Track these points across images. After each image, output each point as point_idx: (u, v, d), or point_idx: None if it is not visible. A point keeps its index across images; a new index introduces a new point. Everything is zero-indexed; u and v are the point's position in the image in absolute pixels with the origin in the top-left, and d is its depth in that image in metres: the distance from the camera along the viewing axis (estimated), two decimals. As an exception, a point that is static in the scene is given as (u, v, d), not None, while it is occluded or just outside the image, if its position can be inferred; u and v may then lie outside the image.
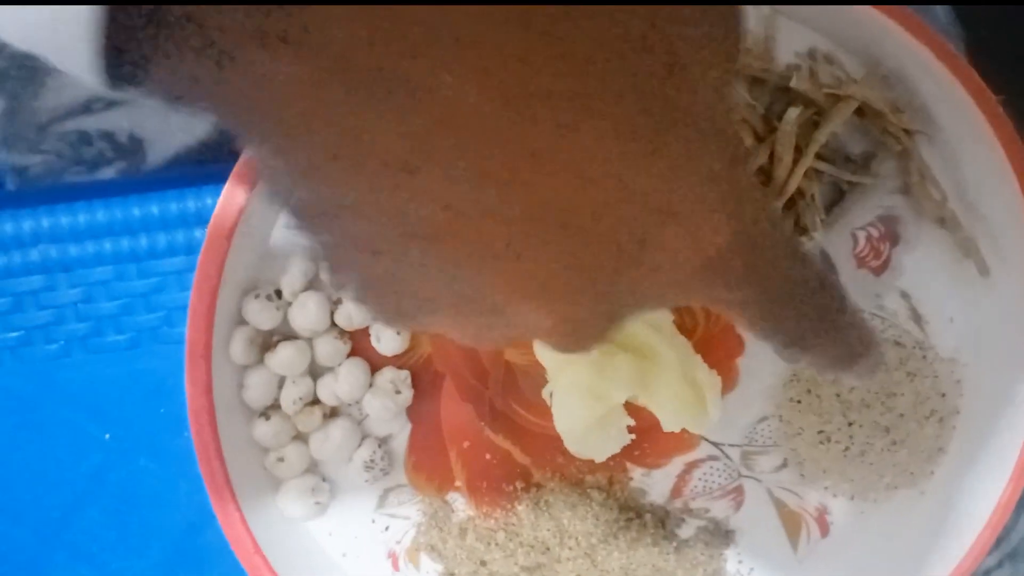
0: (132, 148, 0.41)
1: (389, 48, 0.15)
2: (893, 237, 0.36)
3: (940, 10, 0.40)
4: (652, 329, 0.34)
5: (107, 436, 0.36)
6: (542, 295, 0.19)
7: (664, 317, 0.35)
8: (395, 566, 0.38)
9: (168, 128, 0.40)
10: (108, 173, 0.41)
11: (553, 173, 0.16)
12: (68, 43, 0.15)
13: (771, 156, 0.33)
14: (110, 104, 0.40)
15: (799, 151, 0.33)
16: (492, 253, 0.18)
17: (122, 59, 0.16)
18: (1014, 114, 0.43)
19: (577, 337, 0.20)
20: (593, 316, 0.20)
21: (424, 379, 0.36)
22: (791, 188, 0.33)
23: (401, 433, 0.37)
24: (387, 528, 0.38)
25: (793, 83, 0.32)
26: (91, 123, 0.40)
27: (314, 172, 0.17)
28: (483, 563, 0.37)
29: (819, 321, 0.23)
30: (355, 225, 0.18)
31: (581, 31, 0.16)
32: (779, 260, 0.21)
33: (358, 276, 0.19)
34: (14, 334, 0.36)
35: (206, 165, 0.41)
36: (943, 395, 0.37)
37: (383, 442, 0.36)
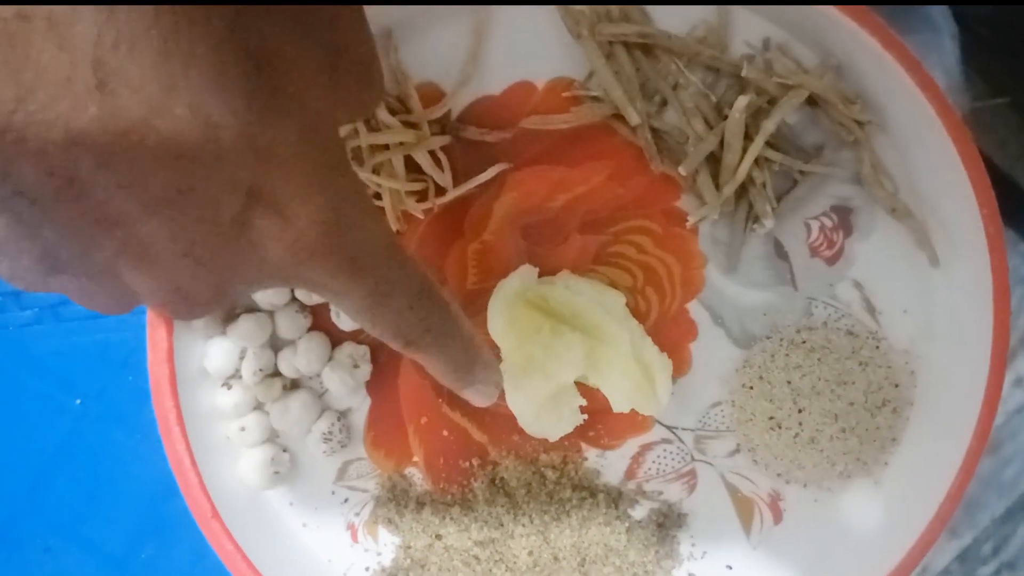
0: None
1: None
2: (846, 227, 0.36)
3: (935, 9, 0.41)
4: (604, 311, 0.35)
5: (78, 402, 0.38)
6: (152, 264, 0.21)
7: (617, 299, 0.36)
8: (354, 538, 0.39)
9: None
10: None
11: (166, 157, 0.19)
12: None
13: (721, 143, 0.34)
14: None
15: (750, 139, 0.34)
16: (109, 221, 0.20)
17: None
18: (1014, 114, 0.44)
19: (188, 306, 0.22)
20: (202, 287, 0.22)
21: (383, 355, 0.37)
22: (741, 175, 0.34)
23: (361, 408, 0.38)
24: (346, 500, 0.39)
25: (744, 72, 0.33)
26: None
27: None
28: (438, 536, 0.38)
29: (421, 325, 0.26)
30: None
31: None
32: (378, 259, 0.24)
33: None
34: (-10, 301, 0.37)
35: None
36: (896, 385, 0.37)
37: (342, 416, 0.37)
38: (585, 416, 0.36)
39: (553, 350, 0.34)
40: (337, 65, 0.23)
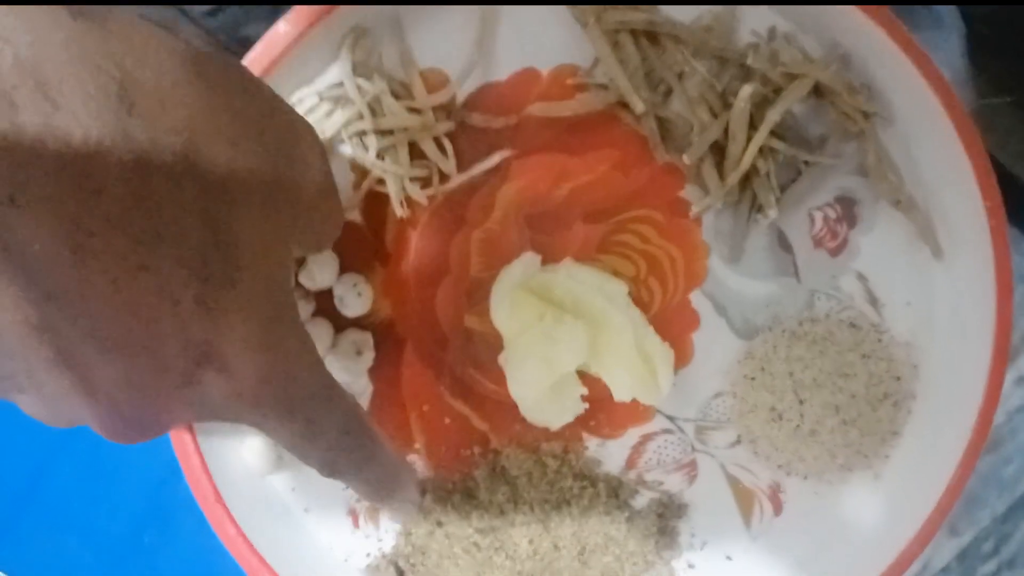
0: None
1: None
2: (850, 218, 0.36)
3: (942, 7, 0.41)
4: (606, 299, 0.35)
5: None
6: (98, 398, 0.23)
7: (619, 288, 0.36)
8: (355, 523, 0.39)
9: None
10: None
11: (113, 305, 0.21)
12: None
13: (726, 132, 0.34)
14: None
15: (754, 129, 0.34)
16: (62, 362, 0.22)
17: None
18: (1018, 113, 0.43)
19: (128, 434, 0.25)
20: (141, 420, 0.24)
21: (387, 342, 0.37)
22: (745, 164, 0.34)
23: (363, 394, 0.38)
24: (348, 487, 0.39)
25: (749, 61, 0.33)
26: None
27: None
28: (439, 524, 0.38)
29: (344, 457, 0.29)
30: None
31: (135, 207, 0.20)
32: (310, 404, 0.26)
33: None
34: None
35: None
36: (898, 379, 0.37)
37: (344, 402, 0.38)
38: (587, 405, 0.36)
39: (555, 338, 0.35)
40: (295, 222, 0.25)
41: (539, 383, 0.35)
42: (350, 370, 0.36)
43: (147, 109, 0.20)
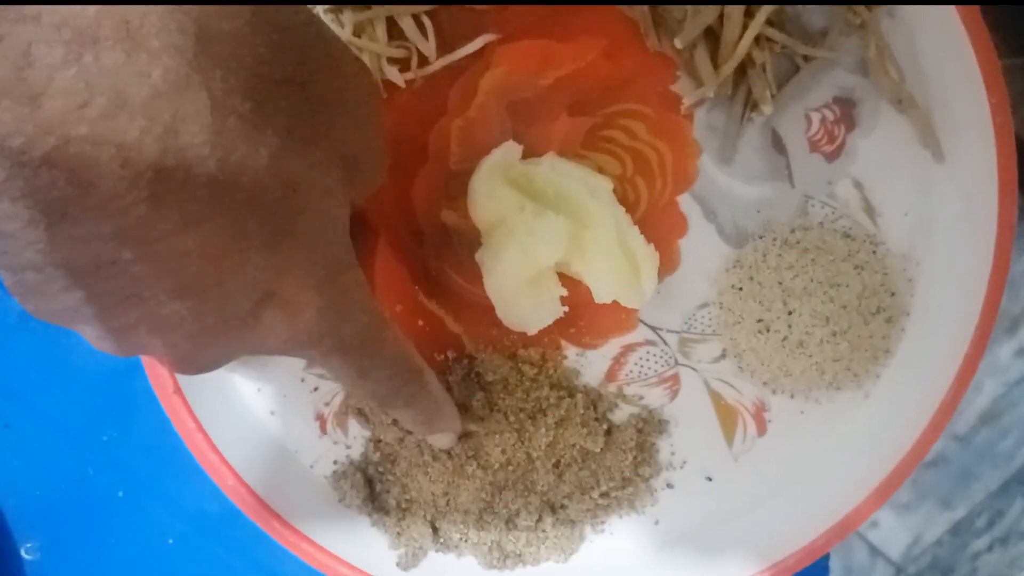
0: None
1: None
2: (848, 121, 0.35)
3: None
4: (589, 193, 0.33)
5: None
6: (167, 334, 0.24)
7: (604, 183, 0.34)
8: (323, 429, 0.38)
9: None
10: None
11: (183, 247, 0.22)
12: None
13: (721, 19, 0.32)
14: None
15: (751, 18, 0.32)
16: (130, 298, 0.22)
17: None
18: None
19: (193, 368, 0.26)
20: (207, 355, 0.25)
21: (359, 236, 0.36)
22: (741, 52, 0.32)
23: (334, 292, 0.36)
24: (316, 388, 0.37)
25: (748, -58, 0.31)
26: None
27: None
28: (409, 431, 0.37)
29: (395, 392, 0.30)
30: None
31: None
32: (365, 344, 0.27)
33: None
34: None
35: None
36: (892, 294, 0.36)
37: (314, 298, 0.36)
38: (566, 308, 0.35)
39: (534, 230, 0.33)
40: (353, 175, 0.26)
41: (516, 276, 0.33)
42: (320, 263, 0.35)
43: (220, 54, 0.21)
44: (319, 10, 0.33)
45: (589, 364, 0.37)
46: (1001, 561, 0.88)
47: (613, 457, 0.37)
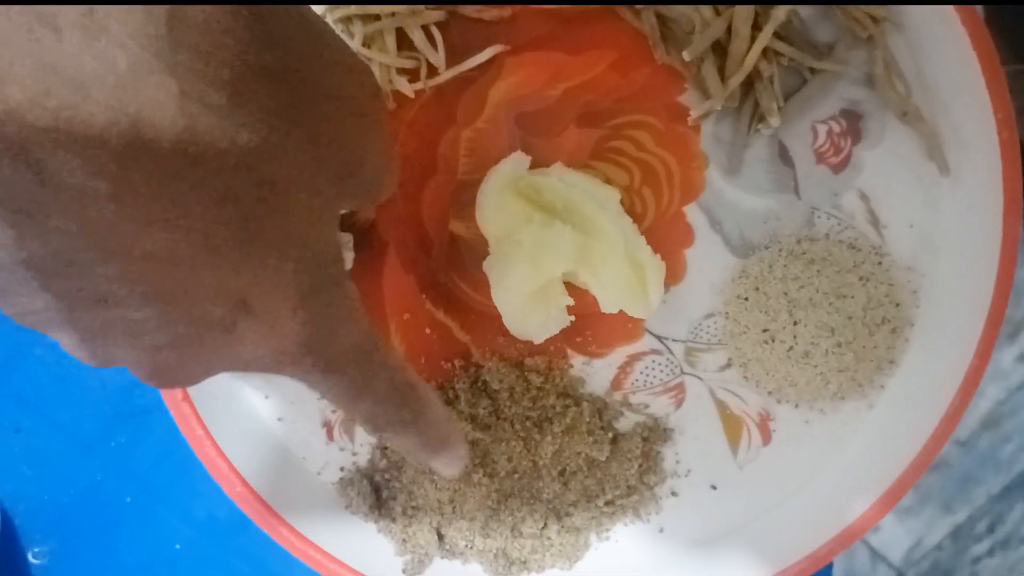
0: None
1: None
2: (855, 133, 0.35)
3: None
4: (597, 205, 0.34)
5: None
6: (136, 342, 0.22)
7: (611, 195, 0.34)
8: (330, 436, 0.38)
9: None
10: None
11: (148, 248, 0.20)
12: None
13: (729, 32, 0.32)
14: None
15: (759, 31, 0.32)
16: (95, 300, 0.21)
17: None
18: None
19: (166, 382, 0.24)
20: (180, 369, 0.23)
21: (368, 245, 0.36)
22: (748, 65, 0.32)
23: (342, 300, 0.37)
24: (323, 396, 0.37)
25: (756, -44, 0.32)
26: None
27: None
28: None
29: (391, 415, 0.27)
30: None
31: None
32: (354, 361, 0.25)
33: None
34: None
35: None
36: (897, 305, 0.36)
37: (322, 306, 0.36)
38: (572, 318, 0.35)
39: (542, 240, 0.33)
40: (352, 176, 0.24)
41: (523, 287, 0.33)
42: (329, 271, 0.35)
43: (192, 41, 0.19)
44: (330, 20, 0.33)
45: (595, 373, 0.37)
46: (1002, 565, 0.88)
47: (618, 465, 0.37)
